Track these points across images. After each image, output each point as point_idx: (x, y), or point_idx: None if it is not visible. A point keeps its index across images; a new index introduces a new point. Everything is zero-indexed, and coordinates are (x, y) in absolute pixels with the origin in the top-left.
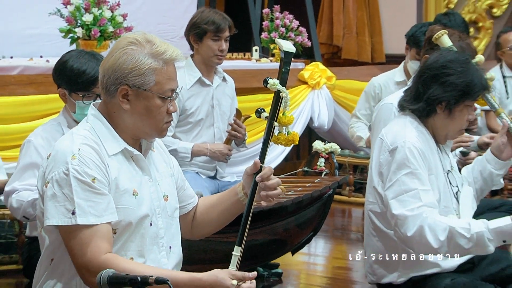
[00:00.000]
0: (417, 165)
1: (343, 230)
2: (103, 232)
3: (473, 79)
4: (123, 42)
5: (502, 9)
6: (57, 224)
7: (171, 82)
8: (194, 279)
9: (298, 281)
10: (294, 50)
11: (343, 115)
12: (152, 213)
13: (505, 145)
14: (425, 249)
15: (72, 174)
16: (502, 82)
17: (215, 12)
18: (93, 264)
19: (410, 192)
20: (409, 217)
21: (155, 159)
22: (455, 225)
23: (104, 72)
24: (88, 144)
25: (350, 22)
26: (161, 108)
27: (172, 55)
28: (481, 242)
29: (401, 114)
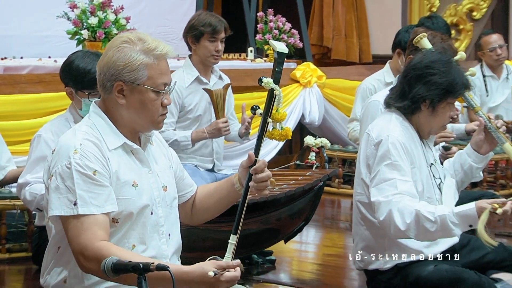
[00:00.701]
0: (397, 158)
1: (332, 219)
2: (100, 221)
3: (455, 79)
4: (117, 41)
5: (481, 12)
6: (59, 214)
7: (164, 76)
8: (182, 272)
9: (291, 268)
10: (287, 50)
11: (332, 112)
12: (152, 203)
13: (483, 141)
14: (395, 232)
15: (74, 167)
16: (482, 81)
17: (212, 15)
18: (88, 249)
19: (388, 181)
20: (382, 202)
21: (154, 152)
22: (422, 209)
23: (100, 70)
24: (89, 139)
25: (339, 24)
26: (155, 102)
27: (163, 51)
28: (445, 225)
29: (387, 110)
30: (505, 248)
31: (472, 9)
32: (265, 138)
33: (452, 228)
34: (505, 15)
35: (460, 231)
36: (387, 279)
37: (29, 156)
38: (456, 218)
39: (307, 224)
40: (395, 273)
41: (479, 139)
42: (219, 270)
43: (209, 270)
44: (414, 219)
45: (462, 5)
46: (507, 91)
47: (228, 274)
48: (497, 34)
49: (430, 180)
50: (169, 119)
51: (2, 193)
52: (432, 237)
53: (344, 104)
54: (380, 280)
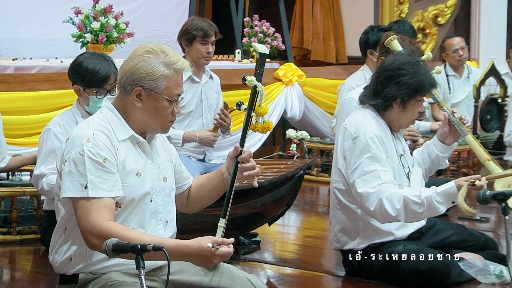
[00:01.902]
0: (377, 150)
1: (312, 204)
2: (107, 204)
3: (423, 79)
4: (141, 50)
5: (445, 18)
6: (71, 196)
7: (179, 88)
8: (181, 245)
9: (274, 248)
10: (267, 52)
11: (312, 108)
12: (152, 191)
13: (448, 133)
14: (386, 218)
15: (87, 155)
16: (445, 80)
17: (203, 20)
18: (96, 228)
19: (372, 173)
20: (370, 193)
21: (157, 147)
22: (408, 194)
23: (123, 73)
24: (101, 130)
25: (317, 29)
26: (168, 109)
27: (182, 66)
28: (431, 205)
29: (361, 107)
30: (466, 230)
31: (437, 15)
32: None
33: (438, 207)
34: (467, 21)
35: (445, 208)
36: (360, 258)
37: (40, 148)
38: (440, 197)
39: (289, 208)
40: (368, 252)
41: (444, 132)
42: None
43: (204, 243)
44: (403, 205)
45: (428, 11)
46: (468, 89)
47: (222, 249)
48: (459, 37)
49: (400, 169)
50: None
51: (13, 181)
52: (420, 217)
53: (322, 100)
54: (355, 259)
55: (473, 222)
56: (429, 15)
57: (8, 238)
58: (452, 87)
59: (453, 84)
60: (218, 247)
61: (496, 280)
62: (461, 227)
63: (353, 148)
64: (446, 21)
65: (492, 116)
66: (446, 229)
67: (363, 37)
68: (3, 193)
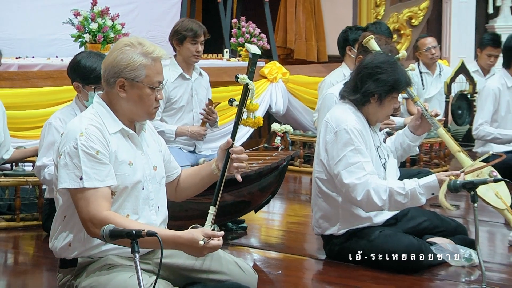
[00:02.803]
0: (358, 143)
1: (295, 193)
2: (104, 194)
3: (399, 77)
4: (120, 44)
5: (419, 19)
6: (68, 187)
7: (158, 75)
8: (175, 235)
9: (260, 233)
10: (259, 52)
11: (295, 103)
12: (144, 179)
13: (419, 125)
14: (372, 207)
15: (80, 148)
16: (419, 77)
17: (193, 21)
18: (96, 218)
19: (356, 164)
20: (357, 184)
21: (147, 138)
22: (393, 185)
23: (105, 68)
24: (93, 124)
25: (300, 30)
26: (151, 96)
27: (159, 54)
28: (415, 196)
29: (341, 101)
30: (438, 216)
31: (411, 17)
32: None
33: (420, 198)
34: (438, 22)
35: (425, 199)
36: (340, 243)
37: (42, 141)
38: (422, 189)
39: (274, 197)
40: (347, 237)
41: (415, 124)
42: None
43: (198, 237)
44: (388, 195)
45: (402, 13)
46: (440, 85)
47: (213, 242)
48: (432, 37)
49: (377, 159)
50: None
51: (16, 171)
52: (403, 207)
53: (305, 96)
54: (335, 243)
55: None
56: (404, 17)
57: (12, 224)
58: (425, 84)
59: (426, 80)
60: (209, 240)
61: (465, 263)
62: (433, 214)
63: (335, 141)
64: (419, 22)
65: (462, 111)
66: (419, 216)
67: (342, 36)
68: (7, 183)
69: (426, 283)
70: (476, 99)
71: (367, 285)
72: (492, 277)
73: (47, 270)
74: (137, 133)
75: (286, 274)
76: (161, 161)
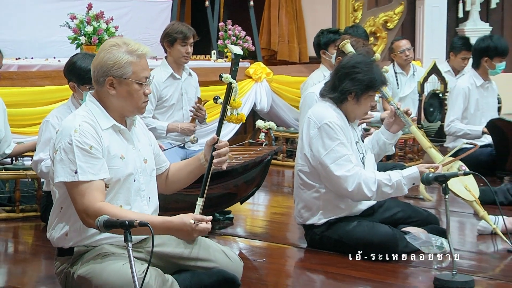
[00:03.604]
0: (342, 137)
1: (278, 185)
2: (98, 186)
3: (375, 77)
4: (106, 45)
5: (394, 23)
6: (64, 181)
7: (145, 71)
8: (166, 221)
9: (245, 223)
10: (241, 53)
11: (278, 101)
12: (135, 172)
13: (393, 123)
14: (361, 198)
15: (75, 144)
16: (394, 77)
17: (183, 24)
18: (90, 209)
19: (344, 157)
20: (348, 176)
21: (137, 133)
22: (381, 178)
23: (94, 68)
24: (86, 121)
25: (283, 32)
26: (139, 91)
27: (143, 51)
28: (400, 187)
29: (321, 99)
30: (411, 207)
31: (386, 21)
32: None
33: (404, 188)
34: (412, 25)
35: (408, 189)
36: (320, 232)
37: (39, 137)
38: (406, 180)
39: (258, 189)
40: (327, 227)
41: (389, 122)
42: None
43: (188, 220)
44: (377, 187)
45: (379, 17)
46: (413, 85)
47: (202, 225)
48: (406, 40)
49: (356, 154)
50: (148, 106)
51: (16, 166)
52: (388, 197)
53: (287, 95)
54: (315, 232)
55: (418, 201)
56: (380, 21)
57: (12, 215)
58: (400, 83)
59: (401, 80)
60: (198, 223)
61: (437, 251)
62: (407, 205)
63: (319, 135)
64: (394, 26)
65: (434, 109)
66: (394, 207)
67: (316, 40)
68: (8, 176)
69: (400, 270)
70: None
71: (346, 272)
72: (462, 264)
73: (45, 258)
74: (128, 129)
75: (270, 262)
76: (151, 154)
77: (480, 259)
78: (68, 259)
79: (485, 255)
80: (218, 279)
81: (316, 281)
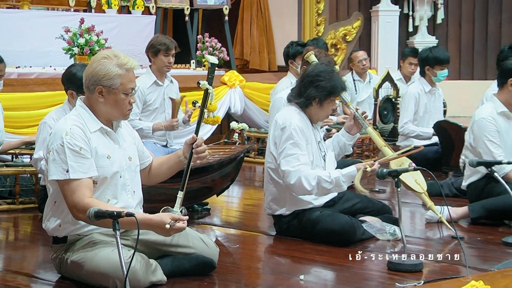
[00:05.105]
0: (298, 138)
1: (250, 180)
2: (86, 184)
3: (336, 84)
4: (99, 56)
5: (352, 36)
6: (56, 179)
7: (131, 83)
8: (146, 218)
9: (221, 213)
10: (217, 62)
11: (250, 105)
12: (121, 169)
13: (352, 125)
14: (302, 191)
15: (66, 145)
16: (352, 84)
17: (166, 37)
18: (79, 204)
19: (293, 155)
20: (291, 171)
21: (123, 133)
22: (321, 174)
23: (86, 77)
24: (76, 125)
25: (254, 44)
26: (125, 101)
27: (132, 65)
28: (338, 183)
29: (288, 104)
30: (368, 199)
31: (346, 34)
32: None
33: (342, 185)
34: (368, 38)
35: (347, 185)
36: (287, 221)
37: (37, 137)
38: (344, 178)
39: (233, 183)
40: (293, 217)
41: (350, 124)
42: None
43: (166, 220)
44: (316, 182)
45: (339, 31)
46: (370, 91)
47: (178, 224)
48: (363, 51)
49: (318, 152)
50: (135, 110)
51: (16, 163)
52: (328, 192)
53: (258, 99)
54: (283, 222)
55: (373, 193)
56: (340, 34)
57: (12, 207)
58: (357, 89)
59: (358, 87)
60: (174, 223)
61: (390, 237)
62: (364, 197)
63: (281, 136)
64: (352, 38)
65: (388, 112)
66: (353, 199)
67: (285, 50)
68: (9, 172)
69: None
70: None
71: (310, 256)
72: (412, 248)
73: (42, 245)
74: (114, 130)
75: (243, 248)
76: (135, 152)
77: (428, 244)
78: (62, 246)
79: (432, 240)
80: (196, 263)
81: (283, 265)
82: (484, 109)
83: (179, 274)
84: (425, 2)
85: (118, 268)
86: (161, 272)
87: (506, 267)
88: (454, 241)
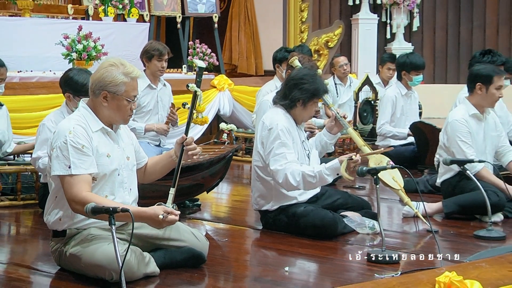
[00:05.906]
0: (284, 138)
1: (238, 177)
2: (85, 179)
3: (319, 86)
4: (106, 63)
5: (334, 42)
6: (59, 174)
7: (134, 91)
8: (140, 211)
9: (211, 209)
10: (204, 66)
11: (238, 107)
12: (119, 167)
13: (333, 126)
14: (290, 187)
15: (69, 143)
16: (334, 87)
17: (159, 43)
18: (77, 197)
19: (280, 154)
20: (279, 170)
21: (121, 134)
22: (305, 170)
23: (92, 81)
24: (79, 124)
25: (242, 50)
26: (127, 107)
27: (136, 74)
28: (322, 177)
29: (274, 106)
30: (348, 195)
31: (328, 41)
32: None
33: (326, 178)
34: (349, 44)
35: (332, 179)
36: (273, 216)
37: (37, 138)
38: (328, 170)
39: (222, 180)
40: (279, 212)
41: (331, 125)
42: (166, 213)
43: (159, 212)
44: (301, 177)
45: (321, 38)
46: (350, 94)
47: (170, 217)
48: (344, 56)
49: (302, 151)
50: None
51: (18, 161)
52: (314, 186)
53: (246, 102)
54: (269, 216)
55: (354, 190)
56: (322, 41)
57: (14, 203)
58: (339, 92)
59: (340, 90)
60: (167, 215)
61: (369, 231)
62: (345, 193)
63: (269, 136)
64: (334, 45)
65: (367, 114)
66: (335, 195)
67: (274, 55)
68: (11, 170)
69: (339, 247)
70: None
71: (294, 249)
72: (390, 241)
73: (42, 239)
74: (114, 131)
75: (231, 241)
76: (133, 152)
77: (405, 237)
78: (61, 239)
79: (408, 234)
80: (188, 256)
81: (270, 257)
82: (457, 112)
83: (171, 266)
84: (402, 11)
85: (114, 261)
86: (155, 264)
87: (477, 258)
88: (429, 235)
